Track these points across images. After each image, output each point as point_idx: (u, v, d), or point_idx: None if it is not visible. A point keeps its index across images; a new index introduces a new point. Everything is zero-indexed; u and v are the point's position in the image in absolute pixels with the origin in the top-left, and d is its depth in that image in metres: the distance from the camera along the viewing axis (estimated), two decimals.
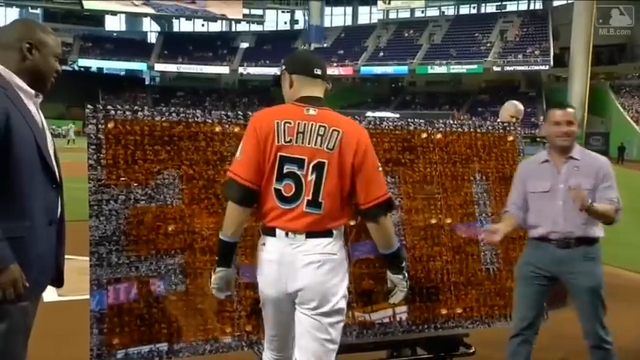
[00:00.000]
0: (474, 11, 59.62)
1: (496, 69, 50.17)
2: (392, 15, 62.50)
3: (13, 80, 2.13)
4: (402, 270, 2.42)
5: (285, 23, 67.27)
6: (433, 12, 60.80)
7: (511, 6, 57.44)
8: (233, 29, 66.14)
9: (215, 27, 65.68)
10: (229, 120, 2.89)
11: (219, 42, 61.03)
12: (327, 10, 63.71)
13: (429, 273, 3.15)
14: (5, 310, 2.01)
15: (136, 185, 2.71)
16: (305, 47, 59.37)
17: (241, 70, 58.71)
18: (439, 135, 3.32)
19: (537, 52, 48.81)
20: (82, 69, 61.37)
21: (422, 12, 60.92)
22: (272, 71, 57.55)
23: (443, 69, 52.17)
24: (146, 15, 62.41)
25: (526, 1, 56.46)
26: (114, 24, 66.64)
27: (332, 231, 2.27)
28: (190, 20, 63.74)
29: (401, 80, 58.54)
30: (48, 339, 3.56)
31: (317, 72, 2.39)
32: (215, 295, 2.35)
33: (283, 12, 66.02)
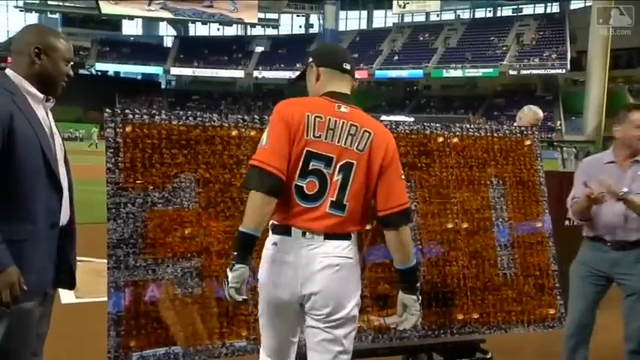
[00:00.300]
0: (490, 15, 59.36)
1: (512, 73, 49.88)
2: (407, 19, 62.45)
3: (23, 85, 2.15)
4: (417, 291, 2.27)
5: (300, 27, 67.53)
6: (449, 15, 60.64)
7: (527, 9, 57.11)
8: (248, 33, 66.47)
9: (230, 31, 66.07)
10: (245, 124, 2.90)
11: (234, 46, 61.37)
12: (342, 14, 63.79)
13: (445, 278, 3.13)
14: (2, 313, 2.02)
15: (153, 188, 2.73)
16: None
17: (256, 74, 58.99)
18: (455, 139, 3.30)
19: (554, 56, 48.45)
20: (100, 73, 62.15)
21: (437, 15, 60.81)
22: (287, 75, 57.86)
23: (458, 72, 51.99)
24: (162, 19, 62.94)
25: (543, 5, 56.07)
26: (131, 28, 67.41)
27: (351, 234, 2.18)
28: (206, 24, 64.18)
29: (416, 84, 58.43)
30: (65, 340, 3.60)
31: (346, 66, 2.27)
32: (231, 298, 2.07)
33: (298, 16, 66.27)
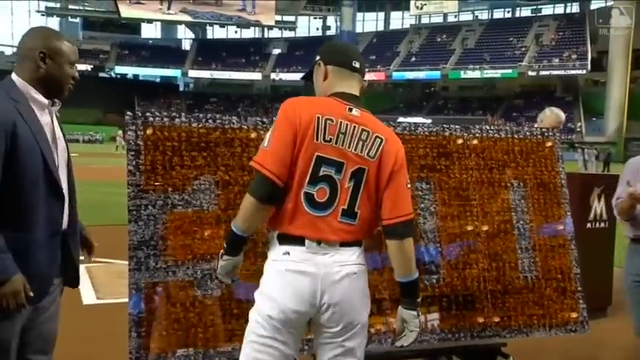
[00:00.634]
0: (509, 15, 58.91)
1: (531, 74, 49.48)
2: (424, 20, 62.25)
3: (28, 92, 2.15)
4: (417, 306, 2.16)
5: (317, 29, 67.62)
6: (466, 16, 60.33)
7: (547, 9, 56.58)
8: (265, 36, 66.75)
9: (248, 33, 66.42)
10: (264, 126, 2.91)
11: (251, 48, 61.71)
12: (359, 16, 63.82)
13: (465, 280, 3.11)
14: None
15: (173, 190, 2.74)
16: None
17: (273, 76, 59.20)
18: (475, 141, 3.28)
19: (574, 56, 47.95)
20: (119, 76, 62.91)
21: (455, 16, 60.53)
22: None
23: (476, 74, 51.69)
24: (181, 23, 63.54)
25: (562, 5, 55.51)
26: (150, 32, 68.25)
27: (361, 241, 2.10)
28: (224, 27, 64.60)
29: (433, 85, 58.19)
30: (87, 341, 3.63)
31: (355, 65, 2.16)
32: (221, 280, 2.17)
33: (315, 18, 66.40)
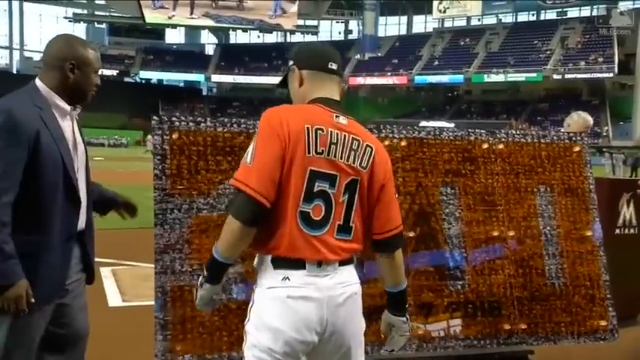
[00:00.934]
0: (533, 18, 58.30)
1: (556, 77, 48.86)
2: (447, 23, 61.92)
3: (52, 99, 2.20)
4: (406, 312, 2.11)
5: (339, 33, 67.71)
6: (490, 20, 59.85)
7: (572, 12, 55.86)
8: (288, 40, 67.03)
9: (270, 38, 66.82)
10: None
11: (274, 53, 61.93)
12: (382, 20, 63.71)
13: (491, 287, 3.07)
14: (7, 323, 2.10)
15: (198, 195, 2.76)
16: (359, 57, 59.62)
17: None
18: (501, 145, 3.25)
19: (601, 59, 47.22)
20: (144, 81, 63.75)
21: (478, 20, 60.08)
22: None
23: (500, 77, 51.24)
24: (204, 27, 64.18)
25: (589, 7, 54.75)
26: (174, 37, 69.01)
27: (354, 256, 1.97)
28: (246, 32, 65.07)
29: (456, 89, 57.81)
30: (113, 342, 3.66)
31: (332, 67, 1.99)
32: (201, 309, 1.98)
33: (337, 22, 66.50)
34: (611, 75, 46.74)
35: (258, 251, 1.90)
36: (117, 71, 58.16)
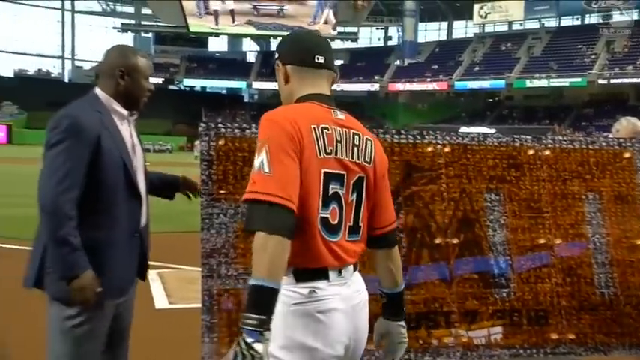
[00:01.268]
0: (578, 22, 57.02)
1: (601, 82, 47.59)
2: (488, 28, 61.10)
3: (111, 105, 2.38)
4: (404, 315, 2.00)
5: (378, 40, 67.62)
6: (532, 24, 58.77)
7: (618, 16, 54.36)
8: None
9: None
10: None
11: None
12: (422, 26, 63.35)
13: (537, 295, 3.02)
14: (86, 316, 2.25)
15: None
16: (398, 63, 59.41)
17: (335, 87, 59.22)
18: (547, 152, 3.19)
19: None
20: (187, 88, 65.11)
21: (520, 25, 59.09)
22: (365, 87, 57.99)
23: (543, 82, 50.24)
24: (246, 36, 65.04)
25: (636, 10, 53.18)
26: (217, 45, 70.34)
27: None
28: None
29: (497, 94, 56.96)
30: (160, 344, 3.74)
31: (319, 60, 1.86)
32: None
33: (377, 29, 66.43)
34: None
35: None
36: (162, 79, 59.46)
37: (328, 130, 1.74)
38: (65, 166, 2.17)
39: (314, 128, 1.72)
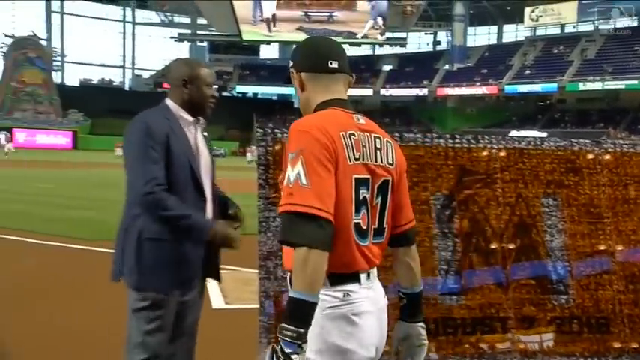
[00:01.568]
0: (635, 24, 55.07)
1: None
2: (540, 32, 59.75)
3: (178, 112, 2.56)
4: (423, 316, 1.99)
5: (427, 45, 67.08)
6: (586, 27, 57.11)
7: None
8: (376, 52, 67.30)
9: (359, 51, 67.20)
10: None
11: (362, 65, 62.23)
12: (471, 30, 62.51)
13: (598, 302, 2.95)
14: (156, 306, 2.42)
15: None
16: (447, 67, 58.77)
17: (384, 92, 59.33)
18: (607, 156, 3.12)
19: None
20: (240, 94, 66.46)
21: (573, 27, 57.53)
22: (414, 92, 57.62)
23: (597, 85, 48.73)
24: (296, 43, 65.66)
25: None
26: (268, 53, 71.56)
27: None
28: None
29: (548, 98, 55.58)
30: (216, 343, 3.79)
31: (333, 65, 1.85)
32: None
33: (426, 34, 65.93)
34: None
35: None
36: (216, 86, 60.68)
37: (355, 136, 1.75)
38: (146, 158, 2.39)
39: (343, 135, 1.72)
